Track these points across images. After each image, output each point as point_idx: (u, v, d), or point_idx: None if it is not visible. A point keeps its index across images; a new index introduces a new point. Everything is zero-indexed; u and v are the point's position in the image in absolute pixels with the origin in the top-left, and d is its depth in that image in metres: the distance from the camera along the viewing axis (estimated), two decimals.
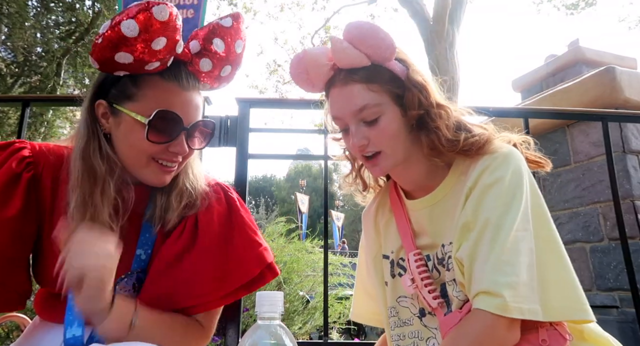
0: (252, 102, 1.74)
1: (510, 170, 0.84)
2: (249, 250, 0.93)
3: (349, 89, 0.90)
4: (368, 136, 0.90)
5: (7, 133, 7.30)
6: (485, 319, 0.74)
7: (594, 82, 3.10)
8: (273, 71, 14.23)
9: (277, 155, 2.03)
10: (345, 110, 0.91)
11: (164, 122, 0.85)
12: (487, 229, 0.79)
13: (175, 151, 0.88)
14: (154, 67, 0.84)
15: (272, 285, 3.90)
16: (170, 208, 0.90)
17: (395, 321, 0.99)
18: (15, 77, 7.75)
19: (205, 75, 0.92)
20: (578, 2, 11.03)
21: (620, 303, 2.88)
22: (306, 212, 16.13)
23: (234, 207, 0.98)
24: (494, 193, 0.82)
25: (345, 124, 0.94)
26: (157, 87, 0.86)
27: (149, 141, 0.85)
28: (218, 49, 0.91)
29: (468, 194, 0.86)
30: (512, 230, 0.78)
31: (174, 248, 0.88)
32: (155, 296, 0.85)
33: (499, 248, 0.77)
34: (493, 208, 0.81)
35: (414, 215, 1.00)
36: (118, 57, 0.81)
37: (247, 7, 12.95)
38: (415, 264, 0.94)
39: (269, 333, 0.61)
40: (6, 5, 6.81)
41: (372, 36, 0.89)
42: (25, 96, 1.79)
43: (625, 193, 2.84)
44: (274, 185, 37.08)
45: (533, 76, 4.63)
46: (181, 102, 0.87)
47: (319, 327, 4.29)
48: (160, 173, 0.89)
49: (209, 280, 0.88)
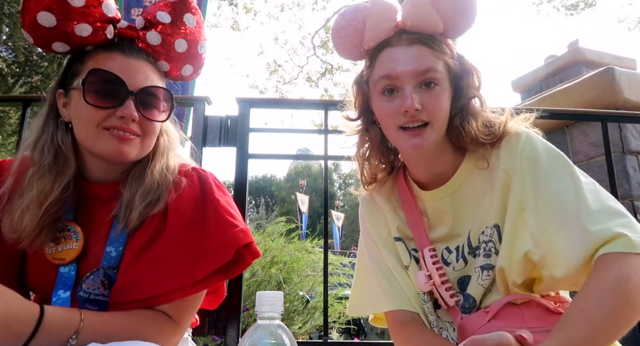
0: (252, 102, 1.74)
1: (539, 142, 0.85)
2: (223, 232, 0.86)
3: (414, 49, 0.86)
4: (423, 102, 0.85)
5: (8, 133, 7.30)
6: (617, 261, 0.68)
7: (593, 82, 3.11)
8: (273, 71, 14.22)
9: (277, 155, 2.04)
10: (408, 67, 0.84)
11: (101, 83, 0.82)
12: (559, 197, 0.78)
13: (123, 115, 0.82)
14: (86, 31, 0.82)
15: (272, 285, 3.90)
16: (133, 208, 0.85)
17: (429, 307, 0.94)
18: (16, 77, 7.76)
19: (156, 49, 0.89)
20: (577, 2, 11.03)
21: None
22: (306, 212, 16.13)
23: (208, 189, 0.91)
24: (541, 167, 0.82)
25: (396, 85, 0.86)
26: (98, 57, 0.84)
27: (87, 104, 0.81)
28: (163, 20, 0.88)
29: (506, 179, 0.85)
30: (584, 184, 0.78)
31: (142, 238, 0.85)
32: (126, 286, 0.81)
33: (586, 202, 0.75)
34: (551, 179, 0.80)
35: (430, 206, 0.96)
36: (40, 19, 0.79)
37: (247, 8, 12.95)
38: (432, 260, 0.91)
39: (269, 333, 0.62)
40: (7, 6, 6.81)
41: (458, 1, 0.85)
42: (26, 96, 1.79)
43: (625, 194, 2.84)
44: (274, 185, 37.08)
45: (533, 77, 4.63)
46: (125, 66, 0.84)
47: (319, 327, 4.30)
48: (115, 142, 0.83)
49: (180, 265, 0.82)
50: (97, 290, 0.84)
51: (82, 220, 0.89)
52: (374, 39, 0.89)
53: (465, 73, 0.91)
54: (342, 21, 0.92)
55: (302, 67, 13.92)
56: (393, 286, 0.96)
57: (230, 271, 0.87)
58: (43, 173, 0.83)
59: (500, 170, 0.86)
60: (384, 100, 0.89)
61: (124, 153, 0.85)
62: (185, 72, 0.97)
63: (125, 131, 0.84)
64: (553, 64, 4.43)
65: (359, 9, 0.90)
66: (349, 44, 0.92)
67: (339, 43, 0.94)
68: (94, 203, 0.91)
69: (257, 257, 0.89)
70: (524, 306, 0.81)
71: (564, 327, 0.68)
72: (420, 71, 0.85)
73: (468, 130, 0.88)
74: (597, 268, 0.70)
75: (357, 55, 0.95)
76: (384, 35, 0.88)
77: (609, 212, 0.74)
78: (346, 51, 0.95)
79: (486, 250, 0.86)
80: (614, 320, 0.66)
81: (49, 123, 0.87)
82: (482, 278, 0.86)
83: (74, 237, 0.87)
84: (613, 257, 0.69)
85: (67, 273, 0.85)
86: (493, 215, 0.86)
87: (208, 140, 1.66)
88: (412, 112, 0.84)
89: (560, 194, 0.78)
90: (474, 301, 0.88)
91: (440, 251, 0.95)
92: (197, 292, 0.86)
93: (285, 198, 31.90)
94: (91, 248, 0.87)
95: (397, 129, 0.88)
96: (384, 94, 0.89)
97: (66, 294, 0.83)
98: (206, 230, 0.86)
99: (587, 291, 0.69)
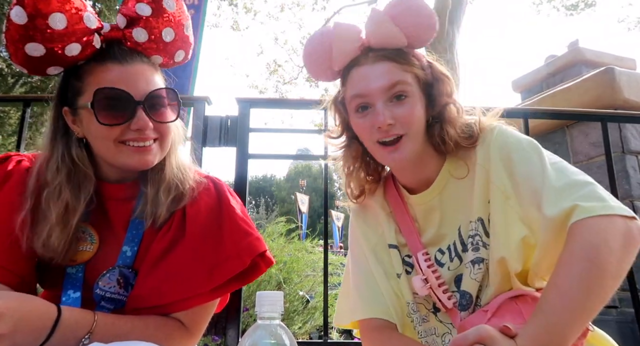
0: (252, 102, 1.74)
1: (510, 133, 0.89)
2: (239, 241, 0.88)
3: (380, 66, 0.89)
4: (395, 116, 0.87)
5: (8, 133, 7.30)
6: (579, 229, 0.70)
7: (593, 82, 3.11)
8: (273, 71, 14.21)
9: (277, 155, 2.04)
10: (375, 84, 0.87)
11: (108, 100, 0.81)
12: (531, 179, 0.81)
13: (138, 127, 0.82)
14: (76, 50, 0.81)
15: (272, 285, 3.90)
16: (159, 203, 0.87)
17: (418, 318, 0.95)
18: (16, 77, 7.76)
19: (146, 46, 0.87)
20: (577, 2, 11.02)
21: (619, 303, 2.88)
22: (306, 212, 16.13)
23: (224, 198, 0.94)
24: (512, 154, 0.85)
25: (368, 102, 0.89)
26: (95, 71, 0.83)
27: (102, 124, 0.81)
28: (144, 13, 0.86)
29: (484, 172, 0.88)
30: (550, 164, 0.81)
31: (162, 243, 0.86)
32: (146, 291, 0.83)
33: (549, 178, 0.78)
34: (522, 164, 0.83)
35: (419, 209, 0.98)
36: (29, 50, 0.78)
37: (247, 8, 12.94)
38: (426, 264, 0.92)
39: (269, 333, 0.62)
40: (7, 6, 6.81)
41: (417, 13, 0.88)
42: (26, 96, 1.80)
43: (625, 194, 2.84)
44: (274, 185, 37.08)
45: (533, 77, 4.63)
46: (124, 76, 0.83)
47: (319, 327, 4.30)
48: (136, 155, 0.84)
49: (198, 272, 0.84)
50: (112, 288, 0.85)
51: (97, 220, 0.90)
52: (342, 60, 0.92)
53: (437, 81, 0.94)
54: (309, 46, 0.95)
55: (302, 67, 13.91)
56: (374, 293, 0.97)
57: (244, 278, 0.90)
58: (59, 193, 0.83)
59: (478, 165, 0.89)
60: (358, 117, 0.92)
61: (147, 163, 0.86)
62: (177, 58, 0.95)
63: (143, 141, 0.85)
64: (553, 64, 4.43)
65: (324, 32, 0.93)
66: (319, 67, 0.96)
67: (310, 67, 0.97)
68: (110, 203, 0.92)
69: (271, 265, 0.92)
70: (521, 301, 0.82)
71: (541, 307, 0.68)
72: (387, 86, 0.87)
73: (447, 141, 0.91)
74: (565, 243, 0.72)
75: (329, 76, 0.98)
76: (351, 55, 0.91)
77: (573, 185, 0.77)
78: (319, 74, 0.98)
79: (474, 245, 0.88)
80: (586, 288, 0.66)
81: (58, 142, 0.87)
82: (474, 272, 0.87)
83: (89, 239, 0.88)
84: (575, 226, 0.71)
85: (75, 275, 0.86)
86: (476, 208, 0.89)
87: (208, 140, 1.66)
88: (385, 127, 0.87)
89: (531, 177, 0.82)
90: (470, 297, 0.88)
91: (433, 254, 0.96)
92: (213, 299, 0.89)
93: (285, 198, 31.90)
94: (105, 247, 0.88)
95: (374, 144, 0.91)
96: (357, 112, 0.92)
97: (76, 294, 0.84)
98: (223, 238, 0.88)
99: (557, 267, 0.70)
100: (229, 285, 0.88)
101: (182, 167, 0.93)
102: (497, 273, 0.85)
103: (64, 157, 0.85)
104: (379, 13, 0.88)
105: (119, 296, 0.85)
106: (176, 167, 0.92)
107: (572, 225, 0.71)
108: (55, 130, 0.87)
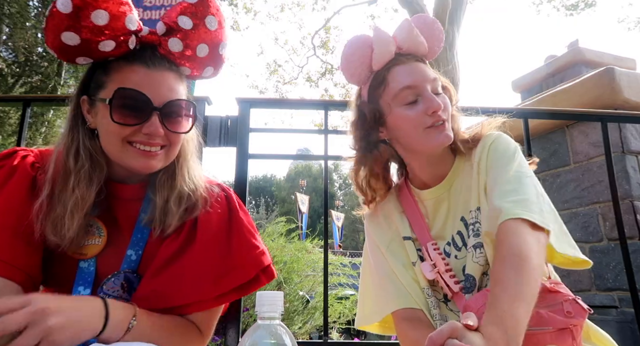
0: (253, 102, 1.74)
1: (504, 141, 1.01)
2: (246, 253, 0.92)
3: (420, 65, 1.03)
4: (441, 104, 0.99)
5: (8, 133, 7.30)
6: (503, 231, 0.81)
7: (593, 82, 3.11)
8: (273, 71, 14.22)
9: (277, 155, 2.04)
10: (424, 77, 1.00)
11: (127, 100, 0.83)
12: (496, 177, 0.94)
13: (149, 132, 0.84)
14: (109, 46, 0.83)
15: (272, 285, 3.90)
16: (170, 213, 0.89)
17: (433, 301, 1.01)
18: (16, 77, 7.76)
19: (178, 56, 0.89)
20: (577, 3, 11.02)
21: (619, 303, 2.88)
22: (306, 212, 16.11)
23: (234, 209, 0.97)
24: (497, 155, 0.98)
25: (419, 93, 1.00)
26: (122, 70, 0.85)
27: (114, 122, 0.82)
28: (185, 26, 0.87)
29: (478, 169, 1.00)
30: (513, 170, 0.93)
31: (170, 248, 0.88)
32: (150, 293, 0.84)
33: (505, 181, 0.91)
34: (498, 163, 0.96)
35: (430, 203, 1.08)
36: (65, 38, 0.80)
37: (247, 8, 12.94)
38: (436, 252, 1.01)
39: (269, 333, 0.62)
40: (7, 6, 6.81)
41: (432, 27, 1.07)
42: (26, 96, 1.80)
43: (625, 194, 2.84)
44: (274, 185, 37.08)
45: (533, 77, 4.63)
46: (147, 81, 0.84)
47: (319, 327, 4.30)
48: (141, 158, 0.86)
49: (204, 279, 0.86)
50: (116, 293, 0.86)
51: (104, 216, 0.90)
52: (383, 60, 1.03)
53: (444, 89, 1.06)
54: (351, 47, 1.05)
55: (302, 67, 13.93)
56: (397, 287, 1.04)
57: (245, 289, 0.92)
58: (81, 179, 0.84)
59: (475, 162, 1.01)
60: (408, 108, 1.00)
61: (150, 168, 0.88)
62: (205, 74, 0.97)
63: (150, 146, 0.86)
64: (553, 64, 4.43)
65: (364, 37, 1.05)
66: (359, 67, 1.06)
67: (349, 67, 1.06)
68: (116, 202, 0.92)
69: (272, 279, 0.94)
70: None
71: (493, 304, 0.72)
72: (432, 79, 1.01)
73: (456, 135, 1.04)
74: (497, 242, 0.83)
75: (363, 77, 1.08)
76: (390, 56, 1.03)
77: (515, 192, 0.88)
78: (355, 74, 1.07)
79: (474, 230, 0.97)
80: (520, 276, 0.74)
81: (77, 130, 0.88)
82: (476, 256, 0.94)
83: (97, 233, 0.89)
84: (501, 228, 0.83)
85: (87, 269, 0.87)
86: (474, 199, 1.00)
87: (208, 140, 1.66)
88: (439, 112, 0.97)
89: (496, 176, 0.94)
90: (473, 280, 0.95)
91: (442, 247, 1.03)
92: (216, 306, 0.91)
93: (285, 198, 31.90)
94: (111, 247, 0.89)
95: (423, 130, 0.99)
96: (407, 104, 1.00)
97: (86, 291, 0.85)
98: (231, 248, 0.91)
99: (494, 265, 0.80)
100: (232, 294, 0.90)
101: (194, 177, 0.95)
102: (490, 252, 0.92)
103: (80, 145, 0.86)
104: (410, 23, 1.04)
105: (121, 300, 0.85)
106: (188, 177, 0.93)
107: (500, 225, 0.83)
108: (75, 118, 0.89)
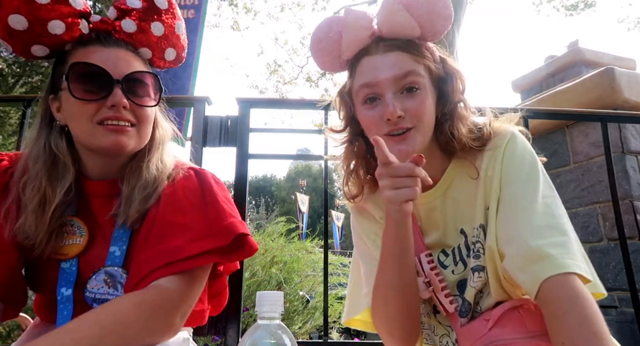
0: (252, 102, 1.74)
1: (520, 145, 0.86)
2: (222, 219, 0.85)
3: (391, 56, 0.85)
4: (405, 108, 0.83)
5: (8, 133, 7.30)
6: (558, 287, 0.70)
7: (593, 82, 3.11)
8: (273, 71, 14.21)
9: (277, 155, 2.04)
10: (386, 74, 0.83)
11: (85, 76, 0.82)
12: (516, 201, 0.80)
13: (113, 103, 0.82)
14: (60, 28, 0.82)
15: (272, 285, 3.90)
16: (133, 202, 0.85)
17: (422, 309, 0.93)
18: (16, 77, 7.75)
19: (135, 37, 0.89)
20: (577, 3, 11.01)
21: (619, 303, 2.88)
22: (306, 212, 16.11)
23: (207, 183, 0.91)
24: (513, 167, 0.84)
25: (377, 93, 0.85)
26: (77, 53, 0.85)
27: (75, 99, 0.81)
28: (134, 6, 0.89)
29: (487, 178, 0.87)
30: (541, 197, 0.79)
31: (143, 233, 0.84)
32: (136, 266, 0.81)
33: (534, 211, 0.77)
34: (516, 177, 0.82)
35: (423, 209, 0.95)
36: (12, 23, 0.80)
37: (247, 8, 12.93)
38: (429, 266, 0.90)
39: (269, 333, 0.62)
40: None
41: (432, 2, 0.85)
42: (26, 96, 1.79)
43: (624, 194, 2.84)
44: (274, 185, 37.05)
45: (533, 77, 4.63)
46: (105, 56, 0.84)
47: (319, 327, 4.30)
48: (112, 135, 0.83)
49: (176, 242, 0.80)
50: (101, 290, 0.84)
51: (84, 217, 0.89)
52: (352, 49, 0.88)
53: (449, 76, 0.90)
54: (318, 33, 0.91)
55: (302, 67, 13.91)
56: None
57: (226, 255, 0.85)
58: (38, 181, 0.83)
59: (483, 169, 0.87)
60: (366, 108, 0.88)
61: (122, 145, 0.84)
62: (168, 57, 0.96)
63: (119, 120, 0.84)
64: (553, 64, 4.43)
65: (334, 20, 0.90)
66: (327, 56, 0.92)
67: (317, 55, 0.93)
68: (94, 201, 0.91)
69: (253, 251, 0.86)
70: (524, 310, 0.80)
71: None
72: (399, 75, 0.84)
73: (458, 138, 0.88)
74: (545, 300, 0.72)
75: (337, 66, 0.94)
76: (361, 44, 0.87)
77: (551, 230, 0.76)
78: (326, 63, 0.94)
79: (475, 252, 0.86)
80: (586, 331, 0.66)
81: (42, 132, 0.87)
82: (474, 280, 0.85)
83: (78, 232, 0.87)
84: (553, 286, 0.70)
85: (69, 269, 0.85)
86: (479, 215, 0.87)
87: (208, 140, 1.66)
88: (394, 120, 0.83)
89: (517, 200, 0.81)
90: (469, 305, 0.87)
91: (437, 256, 0.93)
92: (192, 266, 0.81)
93: (285, 198, 31.86)
94: (94, 245, 0.88)
95: (384, 136, 0.85)
96: (365, 103, 0.88)
97: (68, 292, 0.83)
98: (205, 214, 0.85)
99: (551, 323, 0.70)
100: (209, 255, 0.82)
101: (161, 165, 0.91)
102: (493, 279, 0.84)
103: (44, 146, 0.85)
104: (392, 1, 0.84)
105: (109, 296, 0.84)
106: (155, 166, 0.90)
107: (547, 280, 0.71)
108: (41, 121, 0.88)
